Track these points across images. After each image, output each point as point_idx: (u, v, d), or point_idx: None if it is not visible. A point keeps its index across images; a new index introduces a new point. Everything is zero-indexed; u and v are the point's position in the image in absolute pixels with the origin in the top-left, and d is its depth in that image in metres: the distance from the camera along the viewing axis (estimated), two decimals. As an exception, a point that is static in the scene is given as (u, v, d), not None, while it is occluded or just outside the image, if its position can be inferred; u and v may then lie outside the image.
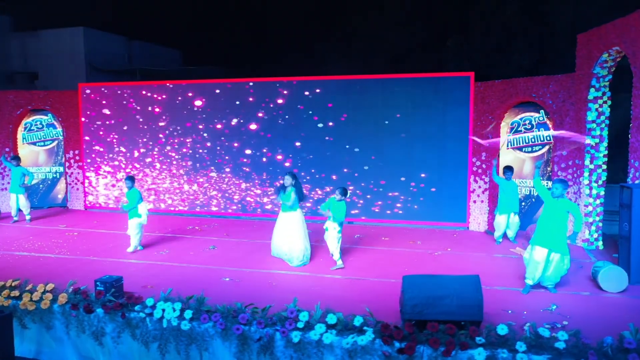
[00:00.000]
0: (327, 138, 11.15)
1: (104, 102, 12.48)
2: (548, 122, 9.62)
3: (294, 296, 6.02)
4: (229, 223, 11.25)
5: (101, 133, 12.55)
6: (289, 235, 7.84)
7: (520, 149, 10.03)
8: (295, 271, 7.65)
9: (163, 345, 5.60)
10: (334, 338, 5.15)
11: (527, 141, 9.94)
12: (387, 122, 10.80)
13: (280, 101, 11.36)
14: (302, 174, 11.15)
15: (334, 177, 11.16)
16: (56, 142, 13.02)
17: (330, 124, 11.12)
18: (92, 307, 5.92)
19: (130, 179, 8.73)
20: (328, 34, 22.73)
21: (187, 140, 11.99)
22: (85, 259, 8.34)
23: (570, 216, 6.60)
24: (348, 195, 7.82)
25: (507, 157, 10.10)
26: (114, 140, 12.47)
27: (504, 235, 9.28)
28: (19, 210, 11.26)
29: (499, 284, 6.92)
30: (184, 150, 12.04)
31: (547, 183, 9.44)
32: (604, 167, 8.73)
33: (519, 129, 10.01)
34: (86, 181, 12.74)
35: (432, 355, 4.90)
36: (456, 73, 10.58)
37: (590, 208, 8.74)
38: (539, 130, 9.78)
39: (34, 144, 12.94)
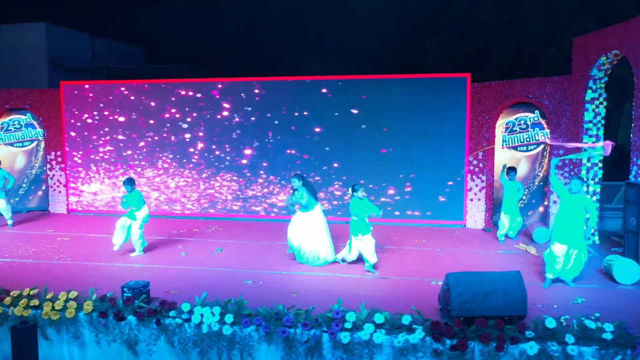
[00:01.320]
0: (321, 139, 11.15)
1: (87, 100, 12.00)
2: (543, 122, 9.97)
3: (319, 297, 6.08)
4: (225, 225, 11.03)
5: (86, 133, 12.06)
6: (314, 236, 7.81)
7: (515, 148, 10.34)
8: (316, 271, 7.61)
9: (204, 351, 5.45)
10: (384, 337, 5.17)
11: (522, 140, 10.26)
12: (385, 122, 10.90)
13: (276, 100, 11.29)
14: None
15: (333, 176, 11.17)
16: (35, 142, 12.40)
17: (327, 124, 11.12)
18: (123, 315, 5.69)
19: (130, 181, 8.43)
20: (299, 34, 22.71)
21: (174, 140, 11.72)
22: (90, 264, 8.01)
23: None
24: (357, 191, 7.69)
25: (503, 156, 10.40)
26: (100, 141, 12.02)
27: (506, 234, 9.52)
28: (0, 215, 10.71)
29: (518, 279, 7.11)
30: (172, 150, 11.74)
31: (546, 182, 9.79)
32: (600, 165, 9.13)
33: (514, 128, 10.32)
34: (77, 184, 12.23)
35: (484, 351, 5.00)
36: (453, 74, 10.79)
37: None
38: (533, 130, 10.12)
39: (12, 144, 12.28)
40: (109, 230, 10.16)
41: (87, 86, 12.12)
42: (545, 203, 10.01)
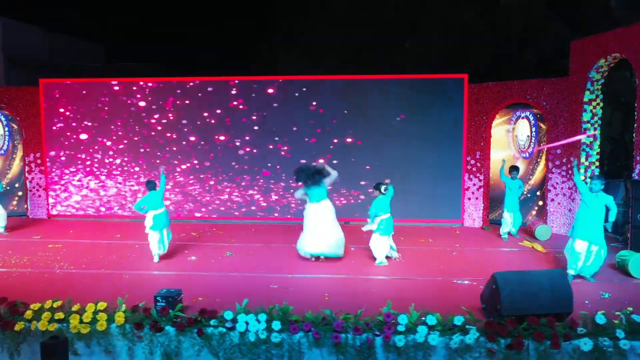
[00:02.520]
0: (317, 139, 11.06)
1: (70, 99, 11.40)
2: (540, 123, 10.26)
3: (351, 299, 6.06)
4: (221, 228, 10.72)
5: (69, 134, 11.45)
6: (331, 226, 7.88)
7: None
8: (339, 274, 7.51)
9: (254, 360, 5.26)
10: (439, 339, 5.14)
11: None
12: (383, 122, 10.92)
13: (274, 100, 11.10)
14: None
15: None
16: (11, 144, 11.66)
17: (328, 126, 11.03)
18: (161, 326, 5.41)
19: (151, 183, 8.11)
20: (270, 33, 22.42)
21: (161, 141, 11.32)
22: (98, 273, 7.59)
23: None
24: (381, 189, 7.95)
25: (499, 155, 10.62)
26: (83, 141, 11.43)
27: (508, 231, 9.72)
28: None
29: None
30: (161, 151, 11.33)
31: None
32: (597, 163, 9.49)
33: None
34: (58, 187, 11.56)
35: (538, 349, 5.06)
36: (450, 75, 10.94)
37: (585, 202, 9.44)
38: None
39: (-15, 146, 11.52)
40: (100, 236, 9.82)
41: (68, 83, 11.51)
42: (540, 203, 10.30)
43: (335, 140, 11.05)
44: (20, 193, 11.75)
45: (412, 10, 17.84)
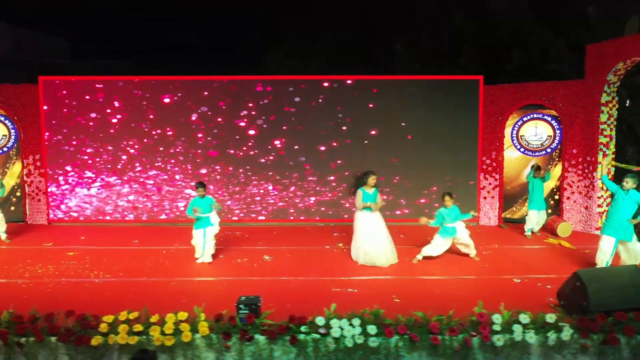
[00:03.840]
0: (337, 138, 10.99)
1: (71, 97, 10.78)
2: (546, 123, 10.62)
3: (421, 300, 6.02)
4: (241, 230, 10.45)
5: (69, 134, 10.81)
6: (385, 237, 7.84)
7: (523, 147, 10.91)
8: (394, 275, 7.48)
9: (353, 366, 5.13)
10: (536, 337, 5.20)
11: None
12: (402, 123, 10.97)
13: (294, 102, 10.92)
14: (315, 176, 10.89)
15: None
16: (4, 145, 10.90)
17: (344, 127, 10.97)
18: (250, 334, 5.19)
19: (202, 184, 7.82)
20: (254, 32, 22.12)
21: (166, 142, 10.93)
22: (139, 280, 7.21)
23: None
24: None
25: (513, 154, 10.90)
26: (87, 143, 10.84)
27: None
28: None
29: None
30: (170, 152, 10.93)
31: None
32: (613, 162, 9.91)
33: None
34: (58, 191, 10.88)
35: (630, 343, 5.22)
36: (466, 76, 11.14)
37: (602, 199, 9.84)
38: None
39: (-20, 148, 10.70)
40: (116, 242, 9.41)
41: (70, 81, 10.88)
42: (558, 199, 10.66)
43: (351, 141, 11.01)
44: (13, 199, 10.98)
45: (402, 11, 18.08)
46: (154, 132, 10.87)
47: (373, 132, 10.98)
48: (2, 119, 10.81)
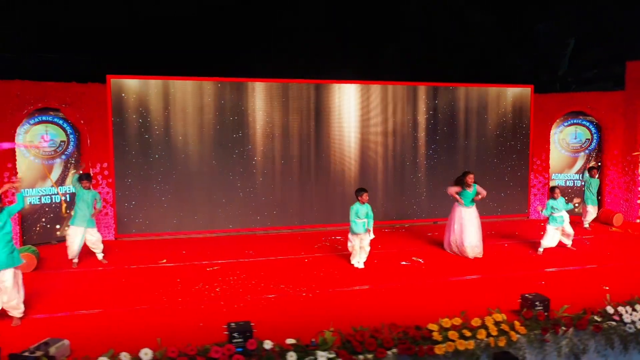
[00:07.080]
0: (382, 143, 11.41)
1: (141, 99, 9.77)
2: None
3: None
4: (250, 239, 10.28)
5: (139, 141, 9.78)
6: (479, 229, 8.77)
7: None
8: (483, 273, 7.88)
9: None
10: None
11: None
12: (456, 124, 11.73)
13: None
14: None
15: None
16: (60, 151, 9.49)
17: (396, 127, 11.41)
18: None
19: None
20: (242, 34, 21.17)
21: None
22: (343, 290, 6.96)
23: None
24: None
25: (554, 155, 12.24)
26: (158, 150, 9.90)
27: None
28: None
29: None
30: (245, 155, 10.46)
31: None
32: (648, 159, 11.69)
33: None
34: (129, 204, 9.69)
35: None
36: (518, 85, 12.19)
37: (643, 193, 11.57)
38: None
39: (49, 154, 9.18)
40: (229, 255, 8.83)
41: (141, 81, 9.83)
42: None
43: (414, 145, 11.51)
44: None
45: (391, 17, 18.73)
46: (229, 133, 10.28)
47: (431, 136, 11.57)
48: (61, 122, 9.40)
